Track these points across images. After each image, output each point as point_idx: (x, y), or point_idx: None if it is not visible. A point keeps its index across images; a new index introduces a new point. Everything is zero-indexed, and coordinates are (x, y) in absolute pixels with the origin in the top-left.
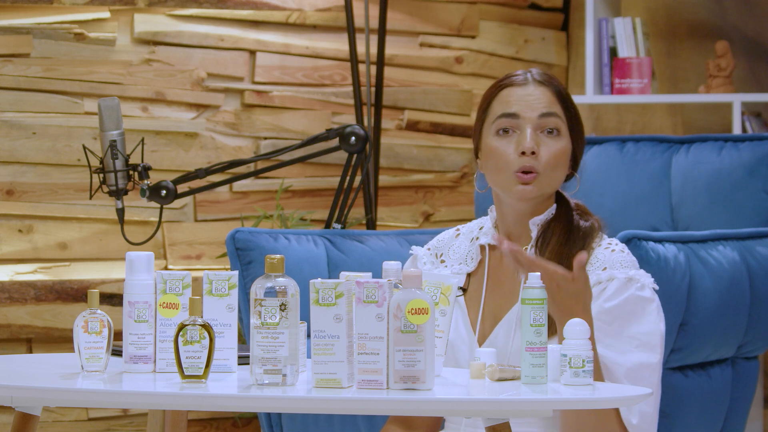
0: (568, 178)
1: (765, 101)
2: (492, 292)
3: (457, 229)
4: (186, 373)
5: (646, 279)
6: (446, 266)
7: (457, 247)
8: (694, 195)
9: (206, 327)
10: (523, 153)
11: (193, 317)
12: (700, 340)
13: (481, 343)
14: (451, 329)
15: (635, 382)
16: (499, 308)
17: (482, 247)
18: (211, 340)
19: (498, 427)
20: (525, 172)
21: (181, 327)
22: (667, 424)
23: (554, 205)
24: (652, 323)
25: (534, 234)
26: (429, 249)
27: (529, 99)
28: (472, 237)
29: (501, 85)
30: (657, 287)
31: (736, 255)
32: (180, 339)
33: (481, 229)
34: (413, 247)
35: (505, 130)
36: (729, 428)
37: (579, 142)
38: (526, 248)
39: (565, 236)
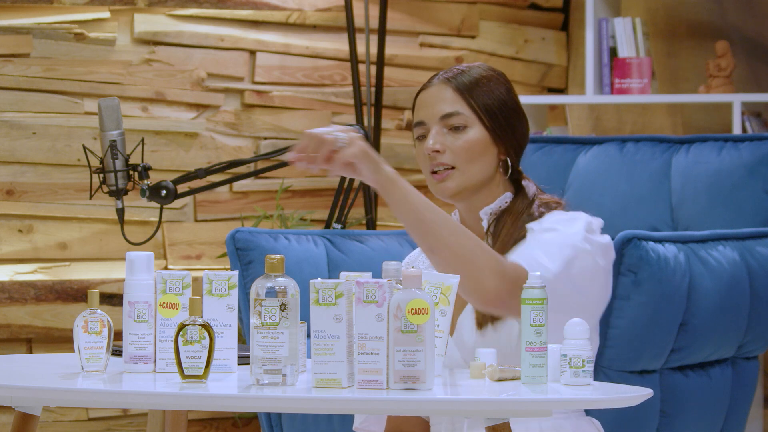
0: (506, 165)
1: (765, 101)
2: None
3: None
4: (186, 373)
5: (586, 215)
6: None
7: (425, 257)
8: (694, 195)
9: (206, 327)
10: (428, 155)
11: (193, 317)
12: (700, 340)
13: (451, 333)
14: None
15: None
16: (463, 300)
17: None
18: (211, 340)
19: (498, 427)
20: (438, 171)
21: (181, 327)
22: (667, 424)
23: (508, 194)
24: (567, 235)
25: (485, 224)
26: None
27: (431, 102)
28: None
29: (418, 91)
30: (601, 223)
31: (736, 255)
32: (180, 339)
33: None
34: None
35: (422, 136)
36: (729, 428)
37: (500, 126)
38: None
39: (515, 225)
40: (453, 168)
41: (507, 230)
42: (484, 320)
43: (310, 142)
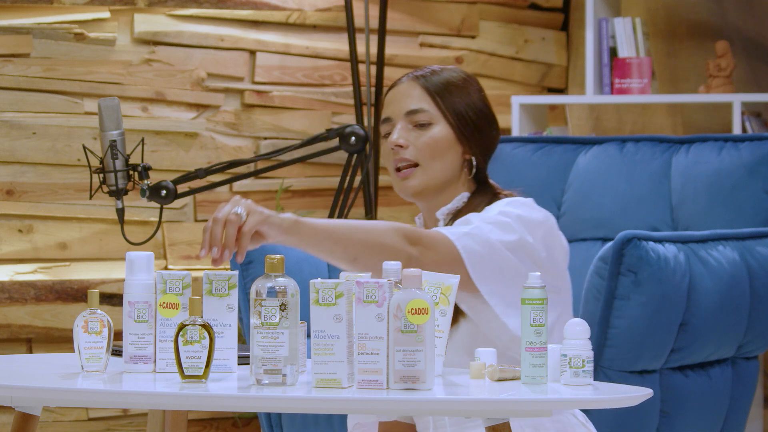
0: (471, 165)
1: (765, 101)
2: None
3: None
4: (186, 373)
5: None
6: None
7: None
8: (694, 195)
9: (206, 327)
10: (392, 149)
11: (193, 317)
12: (700, 340)
13: None
14: None
15: (463, 239)
16: None
17: None
18: (211, 340)
19: (498, 427)
20: (402, 168)
21: (181, 327)
22: (667, 423)
23: (465, 194)
24: (508, 208)
25: (441, 224)
26: None
27: (398, 98)
28: None
29: (387, 89)
30: (538, 211)
31: (736, 255)
32: (180, 339)
33: None
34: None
35: (388, 134)
36: (729, 428)
37: (466, 126)
38: None
39: None
40: (416, 165)
41: None
42: None
43: (215, 229)
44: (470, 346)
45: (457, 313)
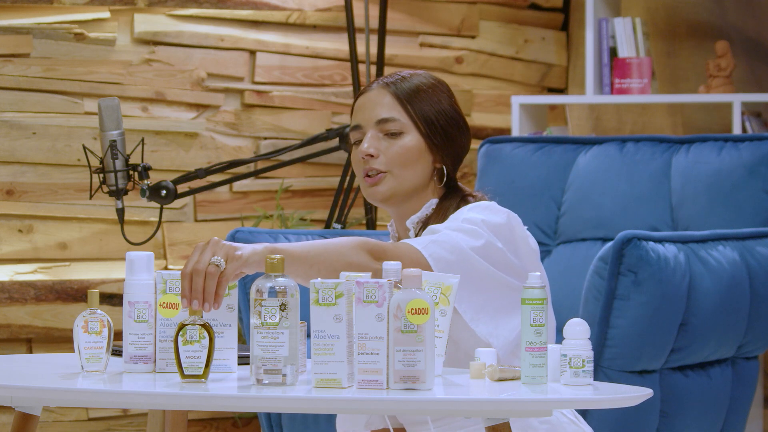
0: (441, 173)
1: (765, 101)
2: None
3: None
4: (186, 373)
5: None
6: None
7: None
8: (694, 195)
9: (206, 327)
10: (363, 158)
11: (193, 317)
12: (700, 340)
13: None
14: None
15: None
16: None
17: None
18: (211, 340)
19: (498, 427)
20: (370, 176)
21: (181, 327)
22: (667, 423)
23: (433, 200)
24: (475, 213)
25: (412, 234)
26: None
27: (368, 106)
28: None
29: (358, 93)
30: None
31: (736, 255)
32: (180, 339)
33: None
34: None
35: (358, 141)
36: (729, 428)
37: (437, 135)
38: None
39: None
40: (385, 172)
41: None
42: None
43: (196, 280)
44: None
45: None
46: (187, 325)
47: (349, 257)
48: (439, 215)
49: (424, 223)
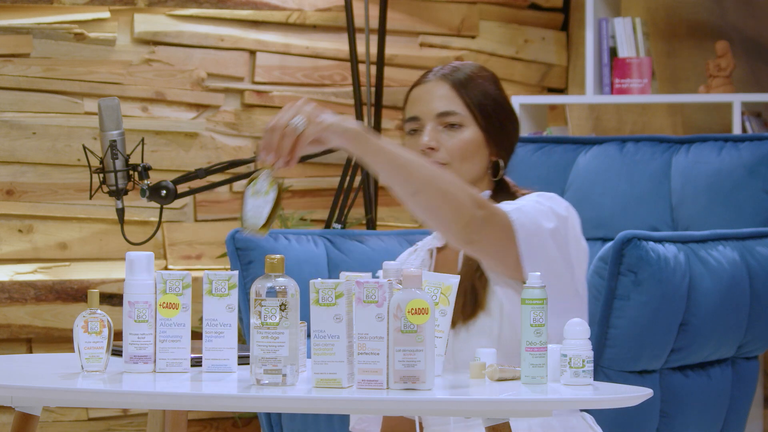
0: (497, 165)
1: (765, 101)
2: None
3: (415, 246)
4: (246, 224)
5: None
6: None
7: (413, 259)
8: (694, 195)
9: (276, 182)
10: (423, 151)
11: (265, 171)
12: (700, 340)
13: None
14: None
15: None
16: None
17: (430, 252)
18: (279, 197)
19: (498, 427)
20: None
21: (252, 178)
22: (667, 423)
23: (486, 192)
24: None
25: None
26: None
27: (427, 98)
28: (427, 248)
29: (412, 86)
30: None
31: (736, 255)
32: (249, 189)
33: (434, 237)
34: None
35: (414, 130)
36: (729, 428)
37: (494, 128)
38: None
39: None
40: (445, 164)
41: None
42: (465, 316)
43: (273, 135)
44: (487, 343)
45: (476, 306)
46: (257, 177)
47: (453, 187)
48: None
49: None
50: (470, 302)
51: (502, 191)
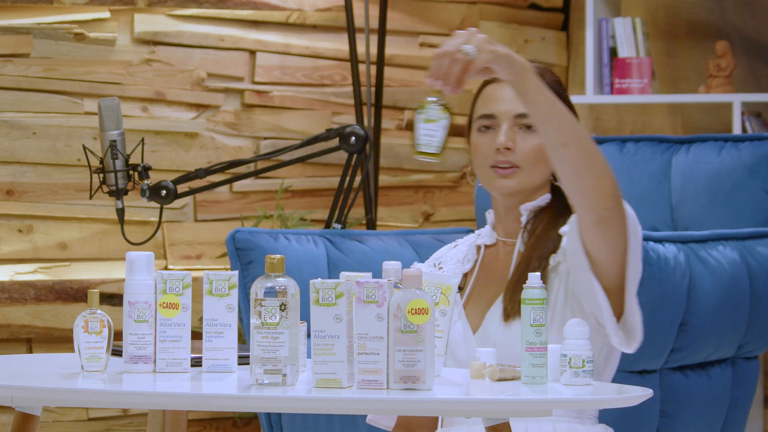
0: None
1: (765, 101)
2: (486, 284)
3: (455, 242)
4: (419, 150)
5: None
6: (443, 271)
7: (454, 253)
8: (694, 195)
9: (447, 107)
10: (498, 149)
11: (436, 96)
12: (700, 340)
13: (474, 330)
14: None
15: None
16: (493, 296)
17: (478, 248)
18: (450, 119)
19: (498, 427)
20: (501, 167)
21: (422, 104)
22: (667, 423)
23: (548, 195)
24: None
25: (524, 219)
26: (429, 261)
27: (506, 97)
28: (470, 243)
29: (485, 82)
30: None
31: (736, 255)
32: (419, 116)
33: (479, 235)
34: (414, 263)
35: (486, 127)
36: (729, 428)
37: None
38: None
39: (553, 222)
40: (518, 167)
41: (544, 227)
42: (512, 312)
43: (442, 61)
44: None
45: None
46: (426, 103)
47: (601, 156)
48: (550, 211)
49: (537, 213)
50: None
51: (559, 194)
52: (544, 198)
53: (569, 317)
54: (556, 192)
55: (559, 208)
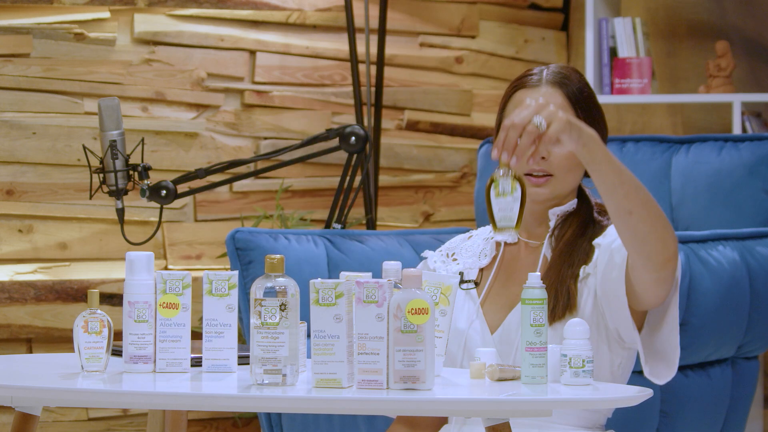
0: (588, 175)
1: (765, 101)
2: (506, 283)
3: (470, 233)
4: (499, 225)
5: None
6: (458, 263)
7: (469, 245)
8: (694, 195)
9: (518, 179)
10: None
11: (505, 169)
12: (700, 340)
13: (492, 331)
14: (465, 321)
15: None
16: (515, 297)
17: (498, 244)
18: (524, 193)
19: (498, 427)
20: (536, 176)
21: (492, 180)
22: (667, 423)
23: (575, 200)
24: None
25: (552, 223)
26: (440, 251)
27: None
28: (486, 237)
29: (516, 85)
30: None
31: (736, 255)
32: (492, 192)
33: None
34: (426, 251)
35: None
36: (729, 428)
37: None
38: (542, 243)
39: (582, 229)
40: (551, 175)
41: (573, 232)
42: (554, 317)
43: (511, 133)
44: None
45: (567, 308)
46: (498, 177)
47: (664, 217)
48: (579, 216)
49: (565, 218)
50: (562, 304)
51: (586, 201)
52: (572, 203)
53: (594, 330)
54: (583, 196)
55: (587, 214)
